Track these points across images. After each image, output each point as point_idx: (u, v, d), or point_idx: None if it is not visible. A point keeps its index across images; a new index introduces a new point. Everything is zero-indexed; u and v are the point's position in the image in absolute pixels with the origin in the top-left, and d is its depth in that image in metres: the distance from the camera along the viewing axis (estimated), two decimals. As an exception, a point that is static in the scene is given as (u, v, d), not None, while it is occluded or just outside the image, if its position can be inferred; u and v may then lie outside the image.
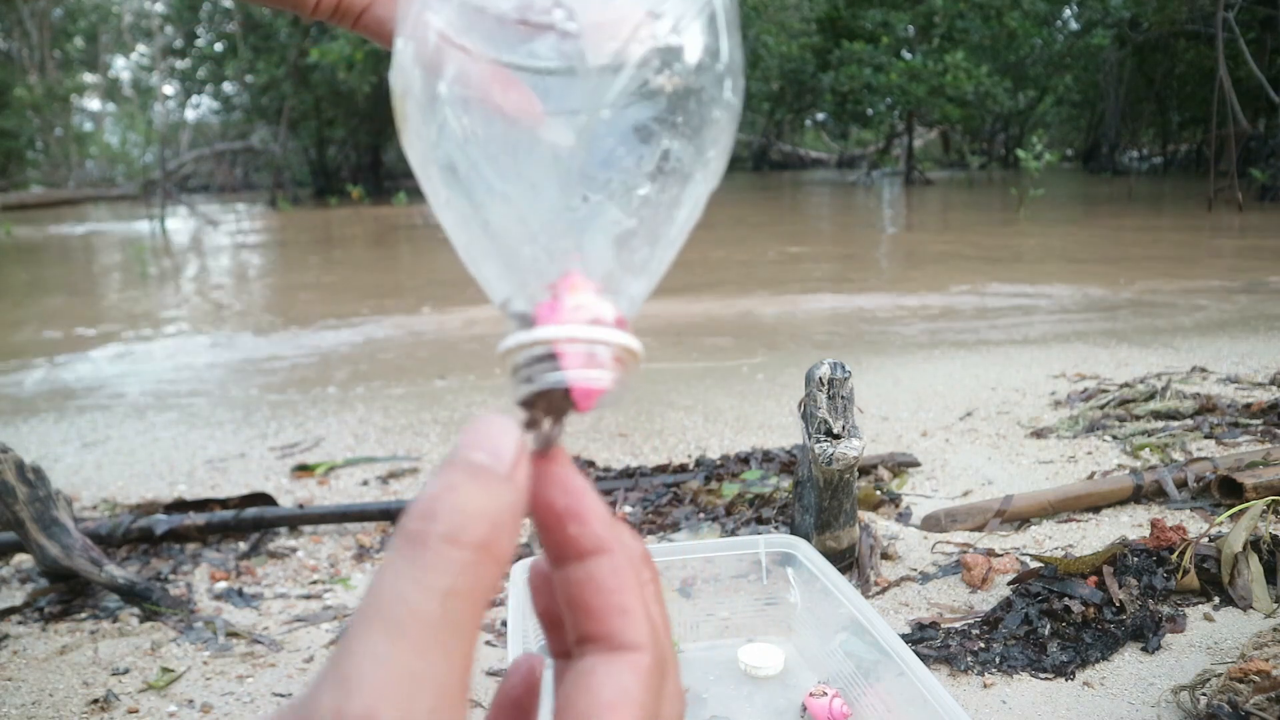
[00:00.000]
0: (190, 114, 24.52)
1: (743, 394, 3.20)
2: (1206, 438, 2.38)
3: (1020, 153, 11.70)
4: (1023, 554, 1.74)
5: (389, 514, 2.03)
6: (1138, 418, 2.58)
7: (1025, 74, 20.66)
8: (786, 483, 2.10)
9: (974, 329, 4.37)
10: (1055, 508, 1.95)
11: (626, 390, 0.30)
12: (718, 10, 0.30)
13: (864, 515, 1.87)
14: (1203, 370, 3.13)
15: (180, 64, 21.31)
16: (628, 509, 2.07)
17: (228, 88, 20.73)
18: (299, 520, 2.03)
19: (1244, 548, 1.56)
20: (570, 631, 0.29)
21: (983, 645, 1.41)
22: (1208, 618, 1.49)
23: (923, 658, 1.33)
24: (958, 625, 1.48)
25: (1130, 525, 1.88)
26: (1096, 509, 1.97)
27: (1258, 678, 1.21)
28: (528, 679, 0.32)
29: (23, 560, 1.90)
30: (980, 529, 1.90)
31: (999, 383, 3.17)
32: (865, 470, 2.26)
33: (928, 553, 1.77)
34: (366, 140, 19.11)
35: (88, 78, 29.41)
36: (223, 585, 1.78)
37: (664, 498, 2.11)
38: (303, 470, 2.50)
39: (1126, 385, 2.92)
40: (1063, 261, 7.13)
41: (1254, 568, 1.55)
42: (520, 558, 1.58)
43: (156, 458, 2.70)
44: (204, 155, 19.39)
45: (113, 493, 2.40)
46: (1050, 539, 1.84)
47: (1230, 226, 9.14)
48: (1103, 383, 3.03)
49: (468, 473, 0.26)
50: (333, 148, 20.27)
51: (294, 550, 1.95)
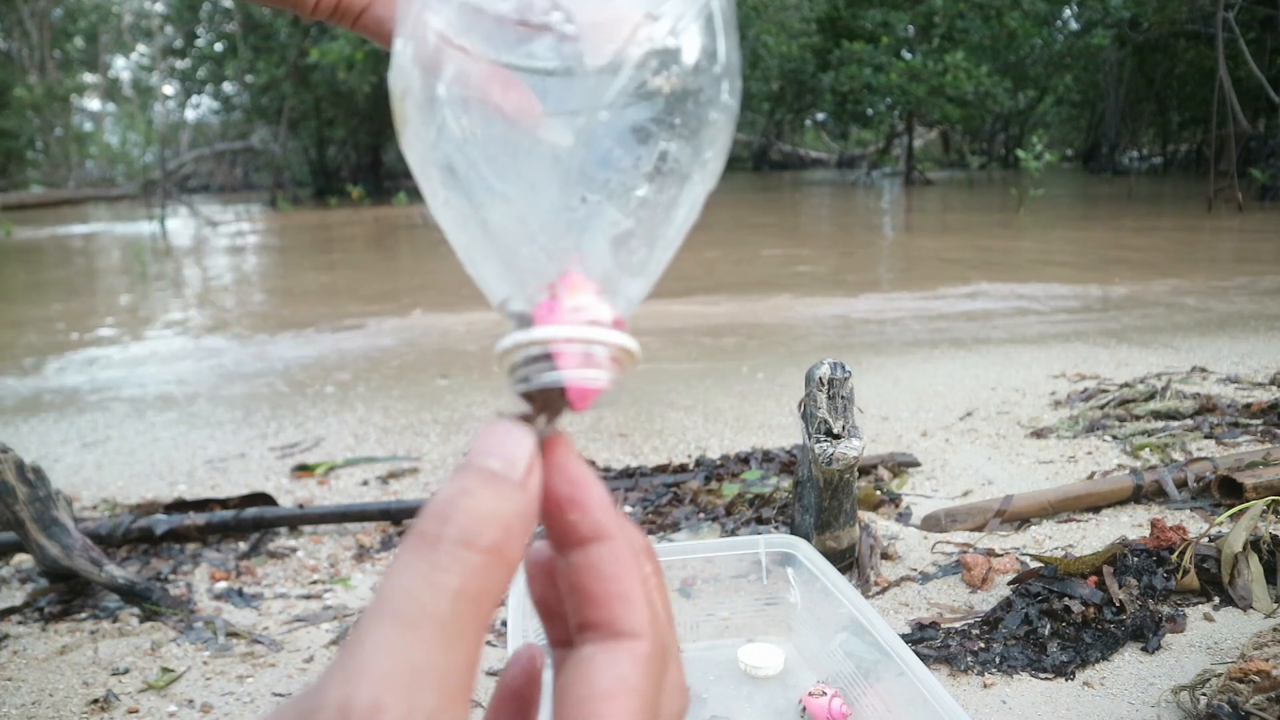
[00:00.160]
0: (190, 114, 24.56)
1: (743, 394, 3.20)
2: (1206, 438, 2.38)
3: (1020, 153, 11.70)
4: (1023, 554, 1.74)
5: (389, 514, 2.03)
6: (1138, 418, 2.58)
7: (1025, 74, 20.66)
8: (786, 483, 2.10)
9: (974, 329, 4.37)
10: (1055, 508, 1.95)
11: (623, 390, 0.31)
12: (715, 12, 0.30)
13: (864, 515, 1.87)
14: (1203, 370, 3.14)
15: (180, 64, 21.31)
16: (628, 509, 2.07)
17: (228, 88, 20.73)
18: (299, 520, 2.03)
19: (1244, 548, 1.56)
20: (571, 618, 0.29)
21: (983, 645, 1.41)
22: (1208, 618, 1.49)
23: (923, 658, 1.33)
24: (958, 625, 1.48)
25: (1130, 525, 1.88)
26: (1096, 509, 1.97)
27: (1258, 678, 1.21)
28: (528, 669, 0.32)
29: (23, 560, 1.90)
30: (980, 529, 1.90)
31: (999, 383, 3.17)
32: (865, 470, 2.27)
33: (928, 553, 1.77)
34: (366, 140, 19.11)
35: (88, 78, 29.43)
36: (223, 585, 1.78)
37: (664, 498, 2.11)
38: (303, 470, 2.50)
39: (1126, 385, 2.92)
40: (1063, 261, 7.13)
41: (1254, 568, 1.55)
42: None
43: (156, 458, 2.71)
44: (204, 155, 19.40)
45: (113, 493, 2.40)
46: (1050, 539, 1.84)
47: (1230, 226, 9.14)
48: (1103, 383, 3.04)
49: (481, 478, 0.27)
50: (333, 148, 20.27)
51: (294, 550, 1.95)
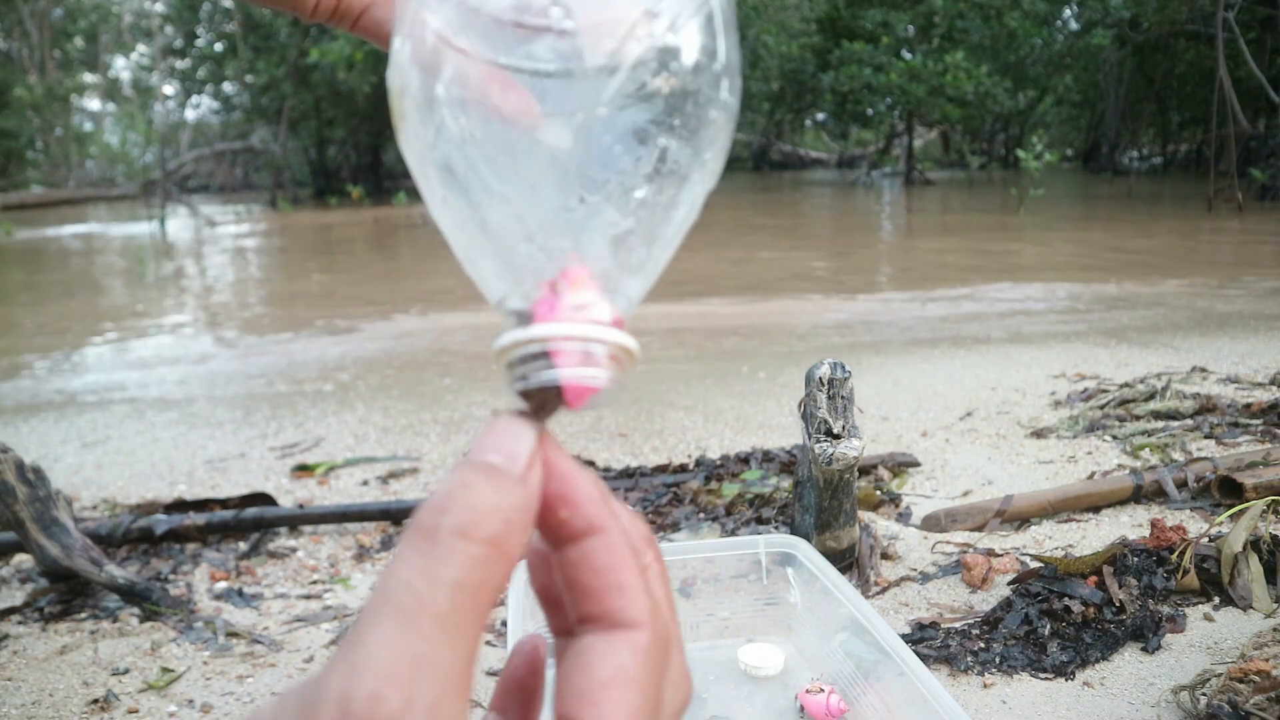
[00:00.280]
0: (190, 114, 24.56)
1: (743, 394, 3.20)
2: (1206, 438, 2.38)
3: (1020, 153, 11.71)
4: (1023, 554, 1.74)
5: (389, 514, 2.03)
6: (1138, 418, 2.58)
7: (1025, 74, 20.65)
8: (786, 483, 2.10)
9: (974, 329, 4.37)
10: (1055, 508, 1.95)
11: (622, 389, 0.30)
12: (714, 10, 0.30)
13: (864, 515, 1.87)
14: (1203, 370, 3.14)
15: (180, 64, 21.31)
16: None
17: (228, 88, 20.73)
18: (299, 520, 2.03)
19: (1244, 548, 1.56)
20: (570, 614, 0.29)
21: (983, 645, 1.41)
22: (1208, 618, 1.49)
23: (923, 658, 1.33)
24: (958, 625, 1.48)
25: (1130, 525, 1.88)
26: (1096, 509, 1.97)
27: (1258, 678, 1.21)
28: (530, 660, 0.32)
29: (23, 560, 1.90)
30: (980, 529, 1.90)
31: (999, 383, 3.17)
32: (865, 470, 2.27)
33: (928, 553, 1.77)
34: (366, 140, 19.11)
35: (88, 78, 29.43)
36: (223, 585, 1.78)
37: (664, 498, 2.11)
38: (303, 470, 2.50)
39: (1126, 385, 2.92)
40: (1062, 261, 7.13)
41: (1254, 568, 1.55)
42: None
43: (156, 458, 2.71)
44: (204, 155, 19.39)
45: (113, 493, 2.40)
46: (1050, 539, 1.84)
47: (1230, 226, 9.14)
48: (1103, 383, 3.04)
49: (482, 472, 0.27)
50: (333, 148, 20.27)
51: (294, 550, 1.95)
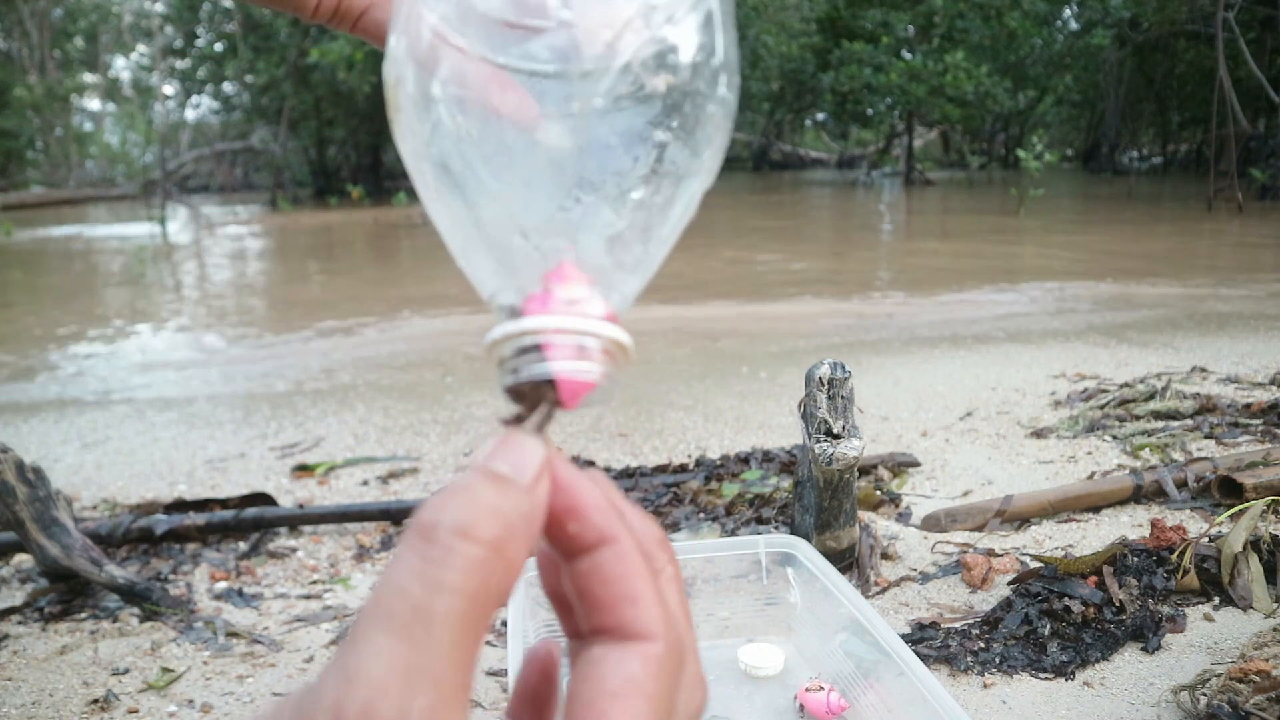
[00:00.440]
0: (190, 114, 24.56)
1: (743, 394, 3.20)
2: (1206, 438, 2.38)
3: (1020, 153, 11.70)
4: (1023, 554, 1.74)
5: (389, 514, 2.03)
6: (1138, 418, 2.58)
7: (1025, 74, 20.65)
8: (786, 483, 2.10)
9: (974, 329, 4.37)
10: (1055, 508, 1.95)
11: (616, 386, 0.30)
12: (712, 5, 0.30)
13: (864, 515, 1.87)
14: (1203, 370, 3.13)
15: (180, 64, 21.31)
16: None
17: (228, 88, 20.72)
18: (299, 520, 2.03)
19: (1244, 548, 1.56)
20: (582, 624, 0.28)
21: (983, 645, 1.41)
22: (1208, 618, 1.49)
23: (923, 658, 1.33)
24: (958, 625, 1.48)
25: (1130, 525, 1.88)
26: (1096, 509, 1.97)
27: (1258, 678, 1.21)
28: (543, 669, 0.32)
29: (23, 560, 1.90)
30: (980, 529, 1.90)
31: (999, 383, 3.17)
32: (865, 470, 2.26)
33: (928, 553, 1.77)
34: (366, 140, 19.10)
35: (88, 78, 29.43)
36: (223, 585, 1.78)
37: (664, 498, 2.11)
38: (303, 470, 2.50)
39: (1126, 385, 2.92)
40: (1062, 261, 7.13)
41: (1254, 568, 1.55)
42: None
43: (156, 458, 2.71)
44: (204, 155, 19.40)
45: (113, 493, 2.40)
46: (1050, 539, 1.84)
47: (1230, 226, 9.14)
48: (1103, 383, 3.03)
49: (486, 477, 0.26)
50: (333, 148, 20.27)
51: (294, 550, 1.95)
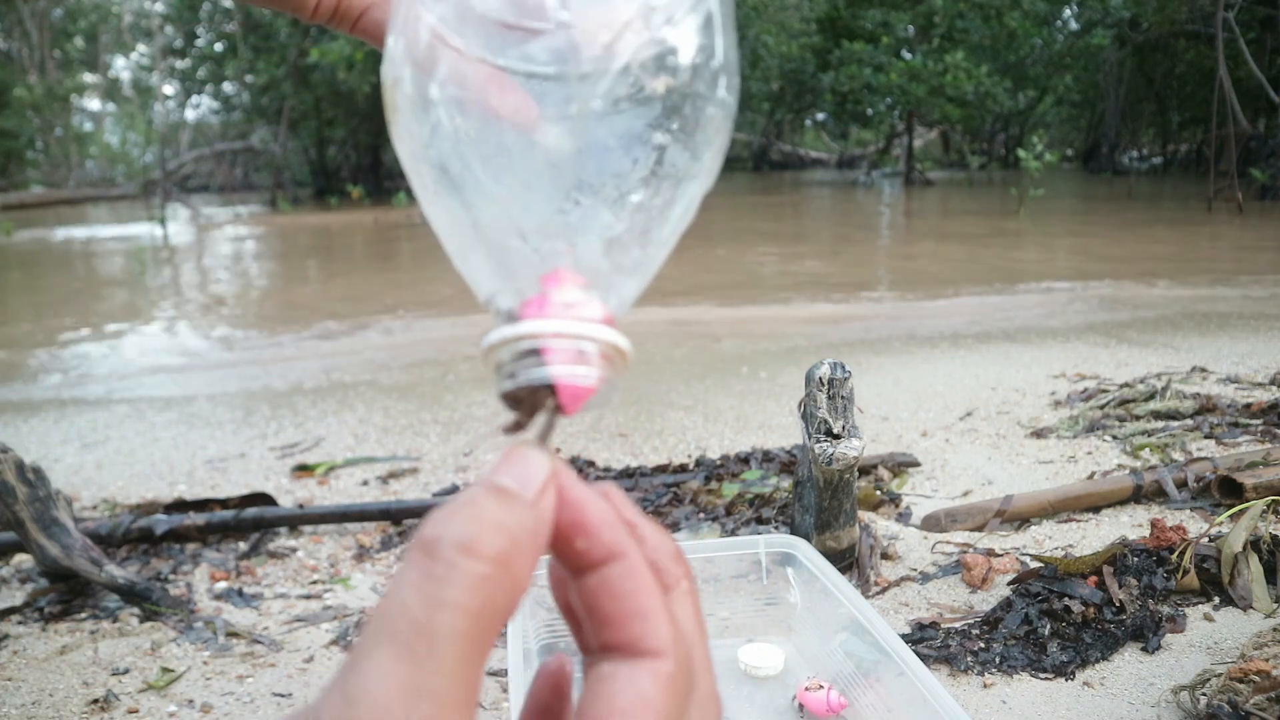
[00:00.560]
0: (190, 114, 24.58)
1: (743, 394, 3.20)
2: (1206, 438, 2.38)
3: (1020, 153, 11.70)
4: (1023, 554, 1.74)
5: (389, 514, 2.03)
6: (1138, 418, 2.58)
7: (1025, 74, 20.66)
8: (786, 483, 2.10)
9: (974, 329, 4.37)
10: (1055, 508, 1.95)
11: (614, 390, 0.29)
12: (712, 6, 0.29)
13: (864, 515, 1.87)
14: (1203, 370, 3.14)
15: (180, 64, 21.32)
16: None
17: (228, 88, 20.73)
18: (299, 520, 2.03)
19: (1244, 548, 1.56)
20: (591, 641, 0.28)
21: (983, 645, 1.41)
22: (1208, 618, 1.49)
23: (923, 658, 1.33)
24: (958, 625, 1.48)
25: (1130, 525, 1.88)
26: (1096, 509, 1.97)
27: (1258, 678, 1.21)
28: (555, 682, 0.31)
29: (23, 560, 1.90)
30: (980, 529, 1.90)
31: (999, 383, 3.17)
32: (865, 470, 2.27)
33: (928, 553, 1.77)
34: (366, 140, 19.11)
35: (88, 78, 29.43)
36: (223, 585, 1.78)
37: (664, 498, 2.11)
38: (303, 470, 2.50)
39: (1126, 385, 2.92)
40: (1063, 261, 7.14)
41: (1254, 568, 1.55)
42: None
43: (156, 458, 2.71)
44: (204, 155, 19.41)
45: (113, 493, 2.40)
46: (1050, 539, 1.84)
47: (1230, 226, 9.14)
48: (1103, 383, 3.04)
49: (490, 491, 0.26)
50: (333, 148, 20.27)
51: (294, 550, 1.95)
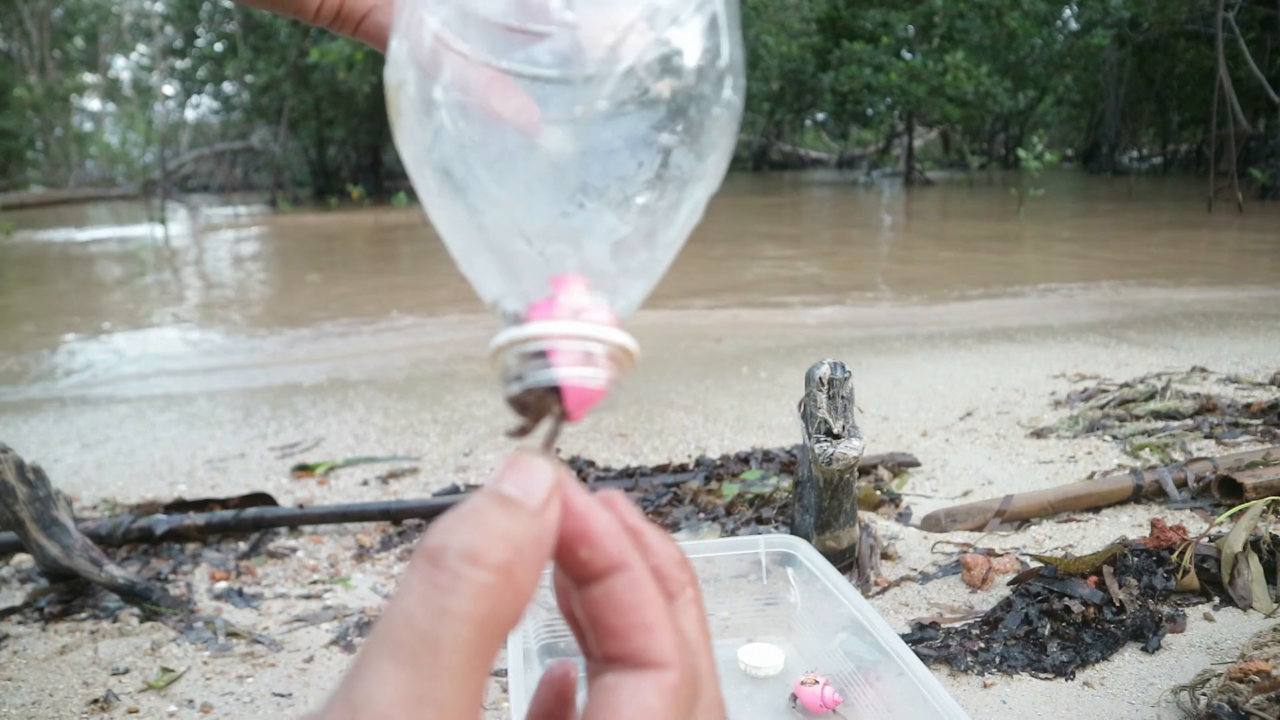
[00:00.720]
0: (190, 114, 24.55)
1: (743, 394, 3.20)
2: (1206, 438, 2.38)
3: (1020, 153, 11.70)
4: (1023, 554, 1.74)
5: (389, 514, 2.03)
6: (1138, 418, 2.58)
7: (1025, 74, 20.65)
8: (786, 483, 2.10)
9: (974, 329, 4.37)
10: (1055, 508, 1.95)
11: (621, 392, 0.29)
12: (718, 7, 0.29)
13: (864, 515, 1.87)
14: (1203, 370, 3.14)
15: (180, 64, 21.30)
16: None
17: (228, 88, 20.72)
18: (299, 520, 2.03)
19: (1244, 548, 1.56)
20: (594, 651, 0.28)
21: (983, 645, 1.41)
22: (1208, 618, 1.49)
23: (923, 658, 1.33)
24: (958, 625, 1.48)
25: (1130, 525, 1.88)
26: (1096, 509, 1.97)
27: (1258, 678, 1.21)
28: (559, 689, 0.31)
29: (23, 560, 1.90)
30: (980, 529, 1.90)
31: (999, 383, 3.17)
32: (865, 470, 2.27)
33: (928, 553, 1.77)
34: (366, 140, 19.10)
35: (88, 78, 29.42)
36: (223, 585, 1.78)
37: (664, 498, 2.11)
38: (303, 470, 2.50)
39: (1126, 385, 2.92)
40: (1063, 261, 7.14)
41: (1254, 568, 1.55)
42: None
43: (156, 458, 2.71)
44: (204, 155, 19.41)
45: (113, 493, 2.40)
46: (1050, 539, 1.84)
47: (1230, 226, 9.14)
48: (1103, 383, 3.04)
49: (495, 500, 0.26)
50: (333, 148, 20.27)
51: (294, 550, 1.95)
